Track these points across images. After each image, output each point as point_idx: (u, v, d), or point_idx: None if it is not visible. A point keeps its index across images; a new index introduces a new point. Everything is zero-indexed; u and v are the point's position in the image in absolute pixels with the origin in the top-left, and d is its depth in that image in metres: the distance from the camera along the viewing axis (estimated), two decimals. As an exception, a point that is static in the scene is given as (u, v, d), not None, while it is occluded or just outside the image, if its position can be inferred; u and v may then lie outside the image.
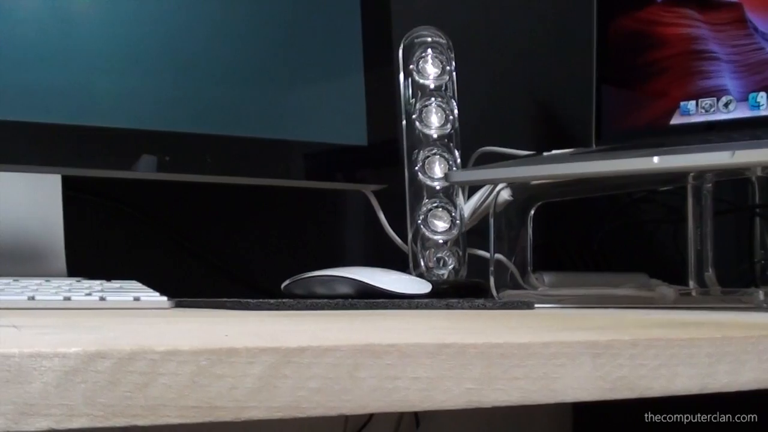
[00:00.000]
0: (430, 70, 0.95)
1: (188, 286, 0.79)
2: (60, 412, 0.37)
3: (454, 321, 0.62)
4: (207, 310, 0.67)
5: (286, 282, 0.78)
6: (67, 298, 0.65)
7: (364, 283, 0.76)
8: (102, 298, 0.66)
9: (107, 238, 0.96)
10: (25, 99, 0.79)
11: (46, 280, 0.73)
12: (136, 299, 0.67)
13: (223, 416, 0.40)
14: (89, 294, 0.66)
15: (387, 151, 0.93)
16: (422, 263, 0.91)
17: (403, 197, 0.93)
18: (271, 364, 0.41)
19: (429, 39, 0.96)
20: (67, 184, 0.83)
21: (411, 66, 0.95)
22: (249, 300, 0.69)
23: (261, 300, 0.69)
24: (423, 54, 0.95)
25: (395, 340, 0.44)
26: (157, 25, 0.84)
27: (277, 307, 0.67)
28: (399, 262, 0.91)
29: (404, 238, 0.94)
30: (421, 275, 0.89)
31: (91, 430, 0.38)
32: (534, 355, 0.47)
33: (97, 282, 0.74)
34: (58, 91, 0.79)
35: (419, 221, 0.92)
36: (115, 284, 0.74)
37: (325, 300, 0.72)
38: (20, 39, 0.79)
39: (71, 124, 0.80)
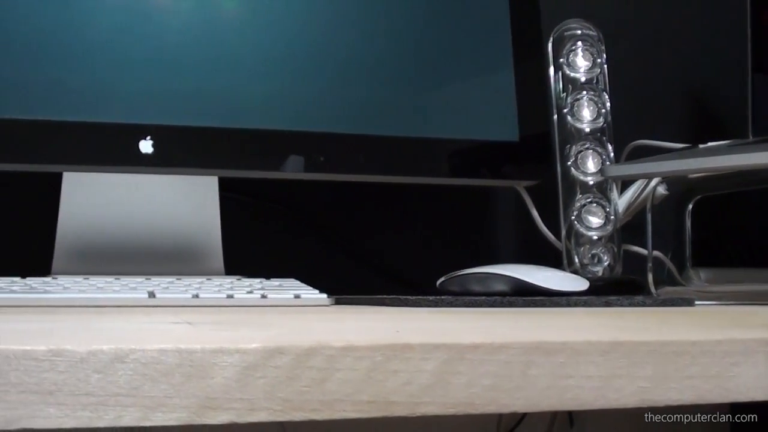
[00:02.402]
0: (581, 63, 0.93)
1: (342, 283, 0.80)
2: (240, 406, 0.38)
3: (618, 318, 0.60)
4: (366, 306, 0.68)
5: (442, 279, 0.78)
6: (230, 296, 0.66)
7: (520, 280, 0.74)
8: (263, 296, 0.66)
9: (262, 237, 0.98)
10: (183, 104, 0.81)
11: (208, 279, 0.75)
12: (297, 297, 0.67)
13: (398, 411, 0.40)
14: (250, 292, 0.68)
15: (539, 146, 0.91)
16: (576, 260, 0.89)
17: (555, 193, 0.91)
18: (445, 360, 0.40)
19: (579, 31, 0.94)
20: (223, 185, 0.85)
21: (561, 59, 0.93)
22: (408, 297, 0.68)
23: (420, 297, 0.69)
24: (573, 47, 0.94)
25: (567, 338, 0.43)
26: (307, 28, 0.85)
27: (436, 304, 0.67)
28: (552, 259, 0.89)
29: (557, 235, 0.92)
30: (575, 272, 0.87)
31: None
32: (707, 353, 0.46)
33: (257, 280, 0.76)
34: (214, 96, 0.81)
35: (573, 217, 0.90)
36: (275, 282, 0.75)
37: (483, 297, 0.71)
38: (174, 46, 0.81)
39: (227, 128, 0.81)
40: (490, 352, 0.41)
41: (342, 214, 1.01)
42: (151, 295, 0.65)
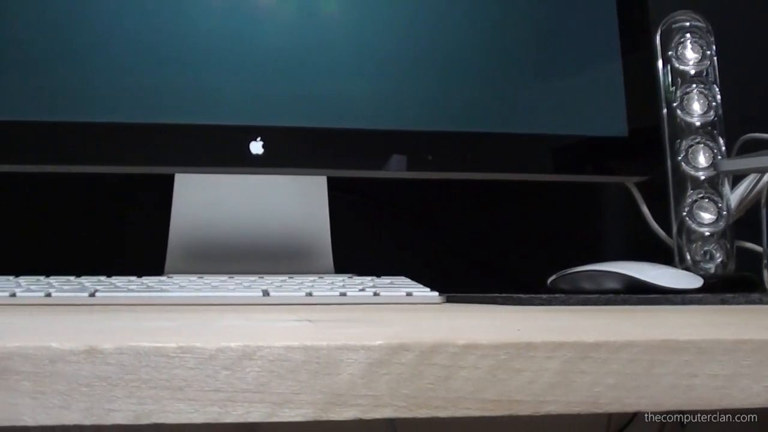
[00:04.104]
0: (690, 56, 0.91)
1: (449, 281, 0.79)
2: (366, 402, 0.38)
3: (736, 316, 0.59)
4: (478, 305, 0.67)
5: (552, 277, 0.77)
6: (343, 294, 0.66)
7: (632, 277, 0.73)
8: (376, 294, 0.67)
9: (370, 236, 0.99)
10: (292, 105, 0.82)
11: (319, 277, 0.76)
12: (409, 294, 0.68)
13: (522, 410, 0.39)
14: (362, 290, 0.68)
15: (648, 141, 0.90)
16: (688, 257, 0.88)
17: (665, 188, 0.89)
18: (569, 359, 0.40)
19: (687, 23, 0.92)
20: (332, 184, 0.86)
21: (670, 52, 0.91)
22: (520, 295, 0.68)
23: (533, 295, 0.68)
24: (682, 39, 0.92)
25: (691, 336, 0.42)
26: (412, 27, 0.85)
27: (549, 303, 0.66)
28: (663, 256, 0.88)
29: (668, 231, 0.90)
30: (687, 269, 0.85)
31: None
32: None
33: (368, 278, 0.76)
34: (322, 97, 0.82)
35: (684, 213, 0.88)
36: (386, 280, 0.75)
37: (597, 295, 0.70)
38: (282, 49, 0.82)
39: (335, 128, 0.82)
40: (613, 350, 0.41)
41: (449, 212, 1.01)
42: (266, 293, 0.66)
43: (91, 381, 0.38)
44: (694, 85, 0.90)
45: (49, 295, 0.64)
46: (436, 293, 0.69)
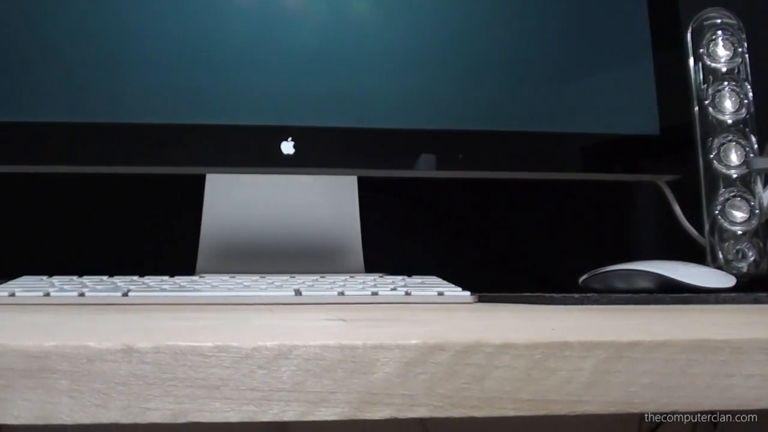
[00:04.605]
0: (721, 53, 0.91)
1: (479, 281, 0.79)
2: (401, 401, 0.38)
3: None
4: (509, 304, 0.67)
5: (584, 276, 0.77)
6: (375, 293, 0.67)
7: (665, 276, 0.73)
8: (407, 293, 0.67)
9: (399, 235, 0.99)
10: (322, 105, 0.82)
11: (351, 276, 0.76)
12: (440, 294, 0.68)
13: (557, 410, 0.39)
14: (394, 289, 0.68)
15: (680, 139, 0.89)
16: (720, 256, 0.87)
17: (696, 187, 0.89)
18: (604, 358, 0.40)
19: (718, 21, 0.92)
20: (362, 184, 0.86)
21: (701, 50, 0.91)
22: (552, 294, 0.68)
23: (565, 294, 0.68)
24: (713, 37, 0.91)
25: (727, 336, 0.42)
26: (441, 26, 0.85)
27: (581, 302, 0.66)
28: (695, 255, 0.87)
29: (699, 230, 0.90)
30: (719, 268, 0.85)
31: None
32: None
33: (399, 277, 0.76)
34: (352, 96, 0.82)
35: (716, 212, 0.87)
36: (417, 279, 0.75)
37: (629, 294, 0.70)
38: (311, 49, 0.82)
39: (366, 127, 0.82)
40: (649, 350, 0.41)
41: (479, 211, 1.01)
42: (298, 292, 0.66)
43: (128, 380, 0.39)
44: (726, 83, 0.90)
45: (82, 294, 0.65)
46: (467, 293, 0.69)
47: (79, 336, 0.41)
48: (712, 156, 0.88)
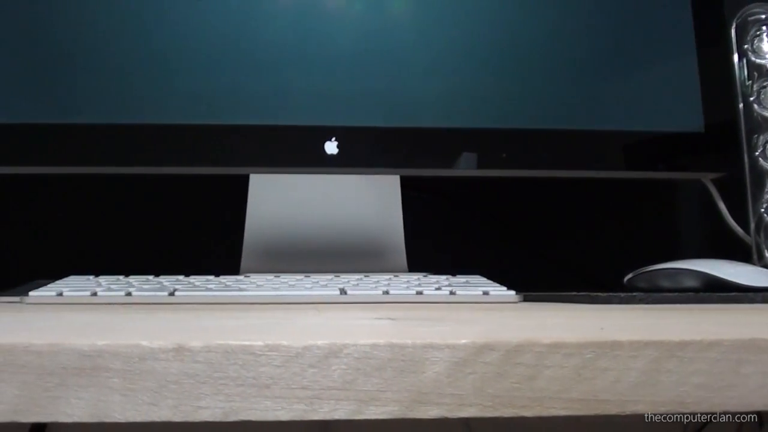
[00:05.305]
0: (766, 49, 0.90)
1: (522, 280, 0.79)
2: (451, 401, 0.38)
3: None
4: (555, 303, 0.67)
5: (629, 275, 0.76)
6: (419, 293, 0.67)
7: (711, 275, 0.72)
8: (452, 293, 0.67)
9: (442, 234, 0.99)
10: (366, 105, 0.82)
11: (395, 276, 0.76)
12: (485, 293, 0.68)
13: (608, 410, 0.39)
14: (438, 288, 0.68)
15: (725, 136, 0.88)
16: (767, 254, 0.86)
17: (742, 184, 0.88)
18: (655, 358, 0.40)
19: (763, 16, 0.90)
20: (405, 183, 0.86)
21: (745, 45, 0.90)
22: (598, 293, 0.67)
23: (610, 293, 0.67)
24: (758, 32, 0.90)
25: (779, 334, 0.42)
26: (483, 24, 0.85)
27: (627, 301, 0.66)
28: (741, 254, 0.86)
29: (745, 228, 0.89)
30: (765, 267, 0.84)
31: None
32: None
33: (443, 277, 0.76)
34: (394, 96, 0.82)
35: (762, 210, 0.86)
36: (461, 279, 0.75)
37: (676, 293, 0.69)
38: (355, 49, 0.83)
39: (409, 127, 0.82)
40: (700, 349, 0.40)
41: (522, 209, 1.01)
42: (343, 291, 0.66)
43: (180, 378, 0.39)
44: (772, 79, 0.89)
45: (129, 294, 0.65)
46: (512, 292, 0.68)
47: (130, 335, 0.41)
48: (757, 153, 0.87)
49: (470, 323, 0.47)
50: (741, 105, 0.89)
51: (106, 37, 0.81)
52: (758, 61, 0.89)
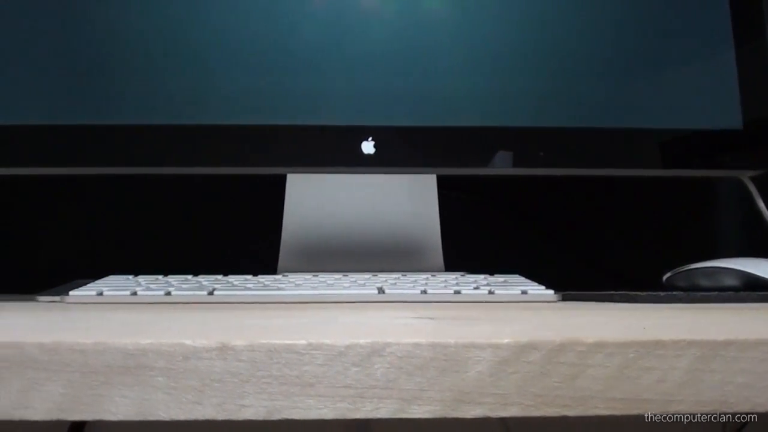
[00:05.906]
0: (807, 45, 0.89)
1: (559, 279, 0.79)
2: (493, 400, 0.38)
3: None
4: (594, 303, 0.67)
5: (668, 274, 0.76)
6: (457, 292, 0.67)
7: (751, 274, 0.71)
8: (490, 292, 0.67)
9: (478, 233, 0.99)
10: (402, 105, 0.82)
11: (432, 275, 0.76)
12: (524, 292, 0.67)
13: (650, 409, 0.39)
14: (477, 288, 0.68)
15: (764, 134, 0.87)
16: (807, 252, 0.85)
17: (781, 182, 0.87)
18: (698, 357, 0.39)
19: (804, 11, 0.90)
20: (441, 182, 0.86)
21: (785, 42, 0.89)
22: (638, 293, 0.67)
23: (650, 293, 0.67)
24: (798, 28, 0.89)
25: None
26: (518, 23, 0.85)
27: (668, 300, 0.65)
28: (780, 252, 0.85)
29: (785, 226, 0.88)
30: (806, 265, 0.83)
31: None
32: None
33: (481, 276, 0.76)
34: (431, 95, 0.82)
35: (803, 207, 0.86)
36: (499, 278, 0.75)
37: (716, 293, 0.69)
38: (391, 48, 0.83)
39: (446, 126, 0.82)
40: (743, 349, 0.40)
41: (559, 208, 1.01)
42: (381, 291, 0.66)
43: (223, 377, 0.39)
44: (812, 76, 0.88)
45: (168, 293, 0.66)
46: (551, 291, 0.68)
47: (173, 334, 0.42)
48: (798, 151, 0.86)
49: (510, 322, 0.47)
50: (780, 102, 0.88)
51: (145, 38, 0.82)
52: (798, 57, 0.88)
